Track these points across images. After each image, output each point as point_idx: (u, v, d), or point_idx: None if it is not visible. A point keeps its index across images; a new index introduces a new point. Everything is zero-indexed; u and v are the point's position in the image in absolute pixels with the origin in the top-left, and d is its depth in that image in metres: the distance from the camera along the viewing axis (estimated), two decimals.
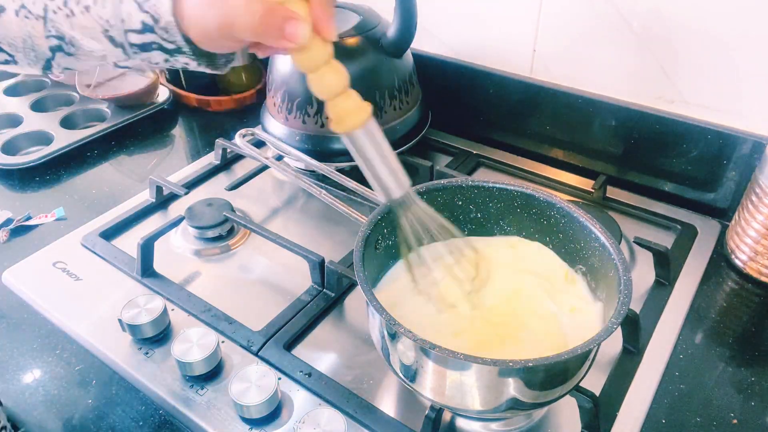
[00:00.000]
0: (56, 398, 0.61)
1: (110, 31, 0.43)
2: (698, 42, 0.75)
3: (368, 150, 0.47)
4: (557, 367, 0.47)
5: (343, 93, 0.44)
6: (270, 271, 0.75)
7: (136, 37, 0.43)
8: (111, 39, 0.43)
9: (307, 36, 0.40)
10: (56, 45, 0.45)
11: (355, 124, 0.45)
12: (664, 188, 0.85)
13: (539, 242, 0.62)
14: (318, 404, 0.58)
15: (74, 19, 0.43)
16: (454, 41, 0.95)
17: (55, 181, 0.94)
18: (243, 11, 0.39)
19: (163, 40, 0.42)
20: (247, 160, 0.94)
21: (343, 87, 0.44)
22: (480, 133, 0.98)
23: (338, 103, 0.44)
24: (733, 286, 0.73)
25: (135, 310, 0.64)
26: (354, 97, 0.45)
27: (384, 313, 0.47)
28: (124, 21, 0.42)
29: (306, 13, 0.40)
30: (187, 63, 0.45)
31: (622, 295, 0.48)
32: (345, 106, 0.44)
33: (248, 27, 0.39)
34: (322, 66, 0.42)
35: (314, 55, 0.41)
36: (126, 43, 0.43)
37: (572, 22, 0.83)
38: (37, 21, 0.44)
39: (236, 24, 0.39)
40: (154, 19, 0.41)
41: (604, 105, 0.85)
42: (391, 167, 0.48)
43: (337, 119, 0.45)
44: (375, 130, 0.47)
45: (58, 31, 0.44)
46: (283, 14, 0.39)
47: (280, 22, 0.39)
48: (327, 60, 0.42)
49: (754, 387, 0.61)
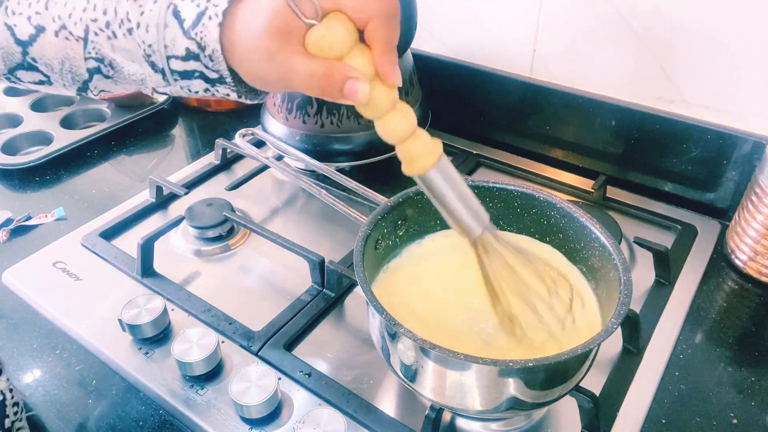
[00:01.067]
0: (56, 398, 0.61)
1: (152, 56, 0.42)
2: (698, 42, 0.75)
3: (442, 189, 0.45)
4: (557, 367, 0.47)
5: (411, 136, 0.43)
6: (270, 271, 0.75)
7: (178, 64, 0.42)
8: (152, 64, 0.42)
9: (367, 93, 0.39)
10: (95, 67, 0.44)
11: (425, 166, 0.44)
12: (664, 188, 0.85)
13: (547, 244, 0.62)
14: (318, 404, 0.58)
15: (116, 42, 0.42)
16: (454, 41, 0.95)
17: (55, 181, 0.94)
18: (302, 72, 0.38)
19: (207, 69, 0.42)
20: (247, 160, 0.94)
21: (410, 131, 0.43)
22: (480, 133, 0.98)
23: (407, 147, 0.43)
24: (733, 286, 0.73)
25: (135, 310, 0.64)
26: (423, 138, 0.43)
27: (384, 313, 0.47)
28: (167, 47, 0.41)
29: (367, 63, 0.39)
30: (228, 94, 0.44)
31: (622, 295, 0.48)
32: (414, 149, 0.43)
33: (307, 88, 0.39)
34: (388, 112, 0.42)
35: (379, 104, 0.41)
36: (167, 70, 0.42)
37: (572, 22, 0.83)
38: (77, 42, 0.43)
39: (295, 83, 0.39)
40: (200, 46, 0.40)
41: (604, 105, 0.85)
42: (467, 204, 0.47)
43: (407, 162, 0.44)
44: (448, 168, 0.45)
45: (99, 53, 0.43)
46: (342, 74, 0.38)
47: (340, 83, 0.38)
48: (392, 106, 0.41)
49: (754, 387, 0.61)
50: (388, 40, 0.39)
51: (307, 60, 0.38)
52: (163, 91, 0.45)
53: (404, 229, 0.61)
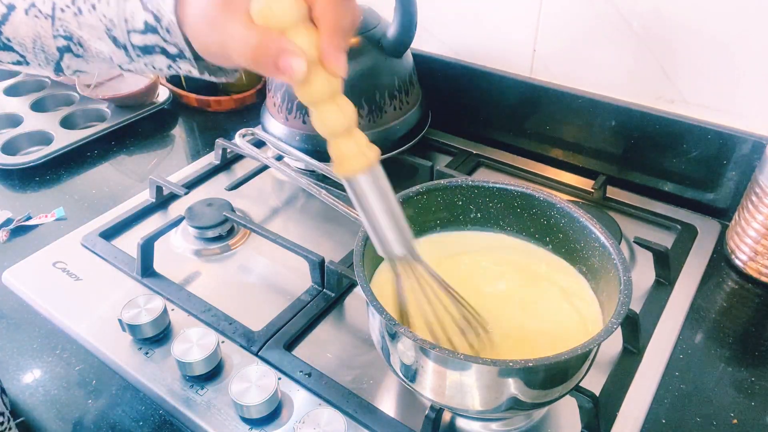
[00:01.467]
0: (56, 398, 0.61)
1: (113, 30, 0.41)
2: (698, 42, 0.75)
3: (369, 199, 0.43)
4: (557, 367, 0.47)
5: (347, 134, 0.40)
6: (270, 271, 0.75)
7: (138, 38, 0.41)
8: (114, 40, 0.42)
9: (303, 71, 0.36)
10: (64, 45, 0.44)
11: (353, 170, 0.41)
12: (664, 188, 0.85)
13: (541, 245, 0.62)
14: (318, 404, 0.58)
15: (81, 18, 0.42)
16: (454, 41, 0.95)
17: (55, 181, 0.94)
18: (238, 40, 0.37)
19: (166, 43, 0.41)
20: (247, 160, 0.94)
21: (345, 127, 0.40)
22: (480, 133, 0.98)
23: (340, 143, 0.41)
24: (733, 286, 0.73)
25: (135, 310, 0.64)
26: (358, 139, 0.41)
27: (384, 313, 0.47)
28: (127, 21, 0.41)
29: (311, 44, 0.37)
30: (189, 70, 0.43)
31: (622, 295, 0.48)
32: (347, 148, 0.41)
33: (242, 56, 0.37)
34: (325, 101, 0.39)
35: (315, 89, 0.38)
36: (129, 44, 0.42)
37: (572, 22, 0.83)
38: (46, 20, 0.43)
39: (232, 52, 0.38)
40: (156, 18, 0.40)
41: (604, 105, 0.85)
42: (394, 221, 0.44)
43: (337, 161, 0.41)
44: (379, 179, 0.43)
45: (66, 31, 0.43)
46: (278, 46, 0.36)
47: (274, 54, 0.36)
48: (330, 95, 0.39)
49: (754, 387, 0.61)
50: (336, 22, 0.37)
51: (245, 28, 0.37)
52: (127, 68, 0.45)
53: None
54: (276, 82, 0.87)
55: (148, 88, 1.09)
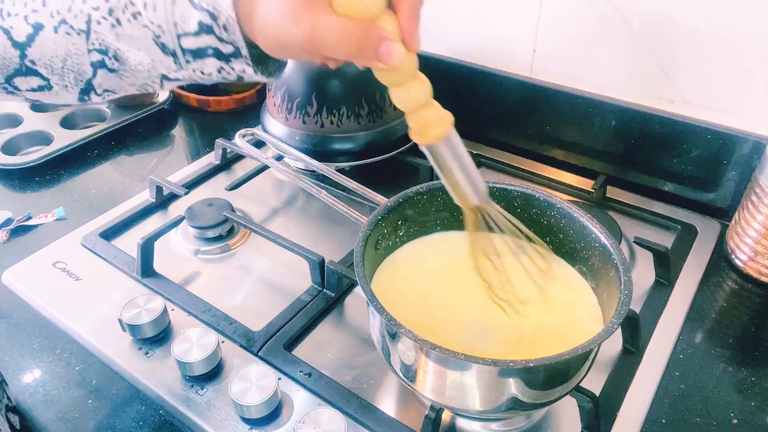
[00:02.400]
0: (56, 398, 0.61)
1: (162, 37, 0.40)
2: (698, 42, 0.75)
3: (448, 160, 0.46)
4: (558, 367, 0.47)
5: (427, 104, 0.43)
6: (270, 271, 0.75)
7: (190, 41, 0.40)
8: (162, 46, 0.40)
9: (404, 55, 0.38)
10: (99, 60, 0.42)
11: (438, 135, 0.44)
12: (664, 188, 0.85)
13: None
14: (318, 404, 0.58)
15: (120, 30, 0.40)
16: (454, 41, 0.95)
17: (55, 181, 0.94)
18: (337, 32, 0.36)
19: (221, 42, 0.40)
20: (247, 160, 0.94)
21: (427, 99, 0.42)
22: (480, 133, 0.98)
23: (421, 114, 0.43)
24: (733, 286, 0.73)
25: (135, 310, 0.64)
26: (437, 107, 0.43)
27: (384, 313, 0.47)
28: (177, 24, 0.39)
29: (395, 27, 0.38)
30: (243, 70, 0.42)
31: (623, 295, 0.48)
32: (428, 117, 0.43)
33: (341, 48, 0.37)
34: (410, 79, 0.41)
35: (404, 70, 0.40)
36: (179, 50, 0.40)
37: (572, 22, 0.83)
38: (79, 36, 0.41)
39: (328, 43, 0.37)
40: (212, 16, 0.38)
41: (604, 105, 0.85)
42: (470, 177, 0.47)
43: (419, 130, 0.44)
44: (456, 141, 0.46)
45: (102, 44, 0.41)
46: (379, 35, 0.37)
47: (376, 44, 0.37)
48: (414, 73, 0.41)
49: (754, 387, 0.61)
50: (415, 3, 0.39)
51: (340, 18, 0.37)
52: (175, 77, 0.43)
53: (404, 230, 0.61)
54: (277, 81, 0.87)
55: None
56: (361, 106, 0.84)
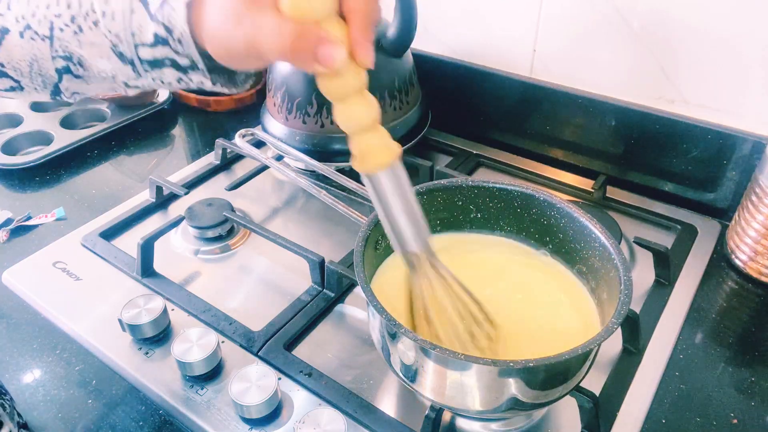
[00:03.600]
0: (56, 398, 0.61)
1: (119, 46, 0.40)
2: (698, 42, 0.75)
3: (389, 195, 0.43)
4: (558, 367, 0.47)
5: (372, 128, 0.40)
6: (270, 271, 0.75)
7: (147, 52, 0.40)
8: (120, 55, 0.40)
9: (343, 60, 0.36)
10: (63, 66, 0.42)
11: (379, 164, 0.41)
12: (664, 188, 0.85)
13: (541, 246, 0.62)
14: (318, 404, 0.58)
15: (82, 36, 0.40)
16: (454, 41, 0.95)
17: (55, 181, 0.94)
18: (273, 32, 0.35)
19: (177, 54, 0.39)
20: (247, 160, 0.94)
21: (372, 121, 0.40)
22: (480, 133, 0.98)
23: (364, 139, 0.40)
24: (733, 286, 0.73)
25: (135, 310, 0.64)
26: (382, 134, 0.41)
27: (384, 313, 0.47)
28: (135, 34, 0.39)
29: (343, 35, 0.36)
30: (201, 82, 0.41)
31: (623, 295, 0.48)
32: (371, 143, 0.41)
33: (278, 49, 0.35)
34: (352, 95, 0.38)
35: (346, 82, 0.37)
36: (136, 59, 0.40)
37: (572, 22, 0.83)
38: (43, 42, 0.41)
39: (265, 45, 0.36)
40: (168, 29, 0.38)
41: (604, 105, 0.85)
42: (413, 218, 0.44)
43: (360, 156, 0.41)
44: (401, 175, 0.43)
45: (66, 51, 0.41)
46: (317, 36, 0.35)
47: (314, 44, 0.35)
48: (359, 89, 0.38)
49: (754, 387, 0.61)
50: (366, 14, 0.37)
51: (279, 18, 0.35)
52: (134, 85, 0.43)
53: None
54: (277, 81, 0.87)
55: None
56: None
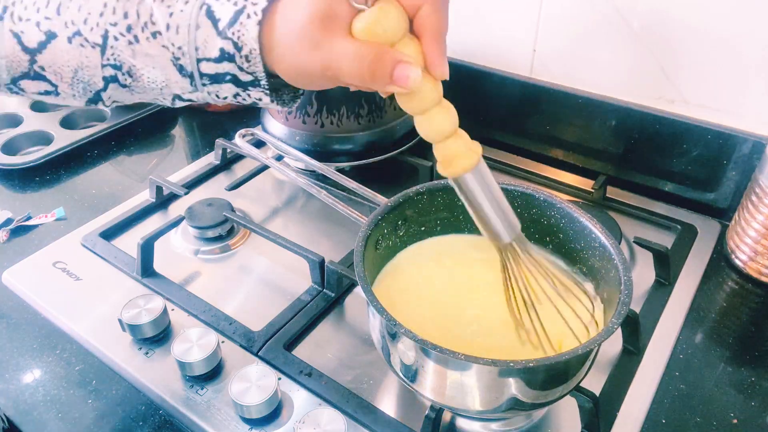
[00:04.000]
0: (56, 398, 0.61)
1: (181, 59, 0.40)
2: (698, 42, 0.75)
3: (477, 194, 0.44)
4: (558, 367, 0.47)
5: (454, 134, 0.41)
6: (270, 271, 0.75)
7: (210, 67, 0.40)
8: (180, 68, 0.40)
9: (420, 80, 0.37)
10: (112, 75, 0.42)
11: (465, 167, 0.42)
12: (664, 188, 0.85)
13: (541, 246, 0.62)
14: (318, 404, 0.58)
15: (137, 47, 0.40)
16: (454, 41, 0.95)
17: (55, 181, 0.93)
18: (350, 57, 0.36)
19: (240, 71, 0.40)
20: (247, 160, 0.94)
21: (453, 129, 0.41)
22: (480, 133, 0.98)
23: (448, 146, 0.41)
24: (733, 286, 0.73)
25: (135, 310, 0.64)
26: (464, 138, 0.42)
27: (384, 313, 0.47)
28: (199, 49, 0.39)
29: (417, 53, 0.38)
30: (259, 98, 0.42)
31: (623, 295, 0.48)
32: (454, 148, 0.41)
33: (357, 74, 0.37)
34: (432, 108, 0.39)
35: (425, 97, 0.39)
36: (197, 73, 0.40)
37: (572, 22, 0.83)
38: (94, 49, 0.41)
39: (343, 70, 0.37)
40: (237, 46, 0.39)
41: (604, 105, 0.85)
42: (500, 211, 0.45)
43: (445, 162, 0.42)
44: (485, 173, 0.44)
45: (117, 60, 0.41)
46: (393, 59, 0.36)
47: (390, 67, 0.36)
48: (438, 101, 0.39)
49: (754, 387, 0.61)
50: (439, 28, 0.38)
51: (355, 43, 0.36)
52: (187, 98, 0.43)
53: (404, 230, 0.61)
54: None
55: None
56: (361, 106, 0.84)
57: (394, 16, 0.37)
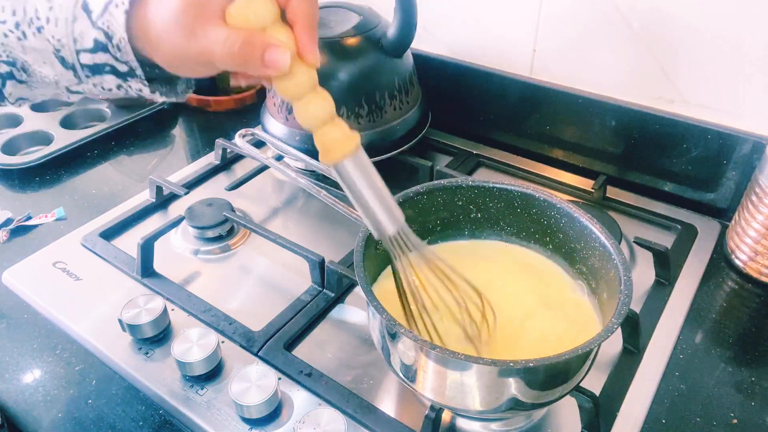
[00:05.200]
0: (56, 398, 0.61)
1: (61, 51, 0.42)
2: (698, 42, 0.75)
3: (358, 181, 0.45)
4: (558, 367, 0.47)
5: (330, 122, 0.43)
6: (270, 271, 0.75)
7: (87, 57, 0.41)
8: (62, 60, 0.42)
9: (288, 62, 0.39)
10: (7, 72, 0.44)
11: (343, 153, 0.43)
12: (664, 188, 0.85)
13: (541, 246, 0.62)
14: (318, 404, 0.58)
15: (26, 42, 0.42)
16: (454, 41, 0.95)
17: (55, 181, 0.93)
18: (222, 42, 0.38)
19: (116, 61, 0.41)
20: (247, 160, 0.94)
21: (329, 115, 0.42)
22: (480, 133, 0.98)
23: (326, 132, 0.43)
24: (733, 286, 0.73)
25: (135, 310, 0.64)
26: (341, 125, 0.43)
27: (384, 313, 0.47)
28: (77, 40, 0.41)
29: (288, 39, 0.39)
30: (140, 89, 0.43)
31: (623, 295, 0.48)
32: (332, 135, 0.43)
33: (228, 57, 0.38)
34: (307, 93, 0.41)
35: (298, 81, 0.40)
36: (77, 64, 0.42)
37: (572, 22, 0.83)
38: None
39: (216, 55, 0.38)
40: (107, 35, 0.40)
41: (604, 105, 0.85)
42: (383, 200, 0.46)
43: (324, 150, 0.44)
44: (365, 161, 0.45)
45: (10, 56, 0.43)
46: (263, 42, 0.38)
47: (260, 50, 0.38)
48: (312, 87, 0.41)
49: (754, 387, 0.61)
50: (309, 16, 0.40)
51: (227, 30, 0.38)
52: (76, 90, 0.45)
53: None
54: None
55: None
56: (361, 106, 0.84)
57: (263, 2, 0.38)
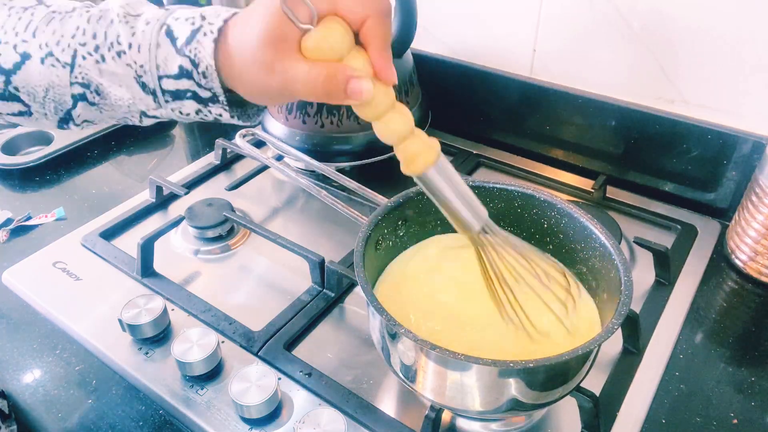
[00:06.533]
0: (56, 398, 0.61)
1: (144, 76, 0.42)
2: (698, 42, 0.75)
3: (442, 187, 0.45)
4: (558, 367, 0.47)
5: (411, 134, 0.43)
6: (270, 271, 0.75)
7: (170, 83, 0.42)
8: (143, 85, 0.42)
9: (372, 92, 0.39)
10: (80, 94, 0.44)
11: (425, 164, 0.44)
12: (664, 188, 0.85)
13: (541, 246, 0.62)
14: (318, 404, 0.58)
15: (104, 66, 0.42)
16: (454, 41, 0.95)
17: (55, 181, 0.94)
18: (305, 77, 0.38)
19: (199, 87, 0.42)
20: (247, 160, 0.94)
21: (410, 130, 0.43)
22: (480, 133, 0.98)
23: (407, 146, 0.43)
24: (733, 286, 0.73)
25: (135, 310, 0.64)
26: (421, 136, 0.44)
27: (384, 313, 0.47)
28: (159, 66, 0.42)
29: (365, 64, 0.40)
30: (219, 114, 0.44)
31: (623, 295, 0.48)
32: (414, 148, 0.43)
33: (311, 93, 0.39)
34: (387, 112, 0.42)
35: (378, 103, 0.41)
36: (159, 90, 0.43)
37: (572, 21, 0.83)
38: (64, 69, 0.43)
39: (298, 90, 0.39)
40: (193, 63, 0.41)
41: (604, 105, 0.85)
42: (466, 201, 0.47)
43: (407, 161, 0.44)
44: (446, 166, 0.45)
45: (85, 78, 0.43)
46: (344, 74, 0.38)
47: (343, 83, 0.38)
48: (391, 105, 0.42)
49: (754, 387, 0.61)
50: (384, 38, 0.40)
51: (307, 65, 0.39)
52: (153, 115, 0.45)
53: (405, 230, 0.61)
54: None
55: None
56: None
57: (339, 33, 0.39)
